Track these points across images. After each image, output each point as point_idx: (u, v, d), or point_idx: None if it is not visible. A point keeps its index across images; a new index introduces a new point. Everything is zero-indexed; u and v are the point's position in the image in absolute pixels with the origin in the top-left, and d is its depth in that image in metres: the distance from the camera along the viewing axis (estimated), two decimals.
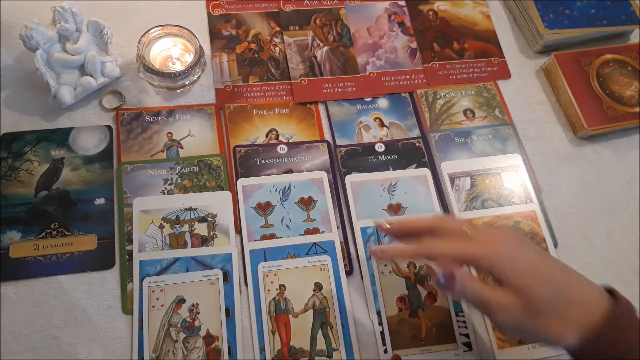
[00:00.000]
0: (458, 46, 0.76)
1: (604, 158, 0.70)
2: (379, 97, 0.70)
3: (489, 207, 0.64)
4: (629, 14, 0.78)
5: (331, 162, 0.65)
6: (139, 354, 0.52)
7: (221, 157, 0.63)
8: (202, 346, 0.53)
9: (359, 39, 0.74)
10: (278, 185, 0.62)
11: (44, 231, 0.56)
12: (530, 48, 0.77)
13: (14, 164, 0.59)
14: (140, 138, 0.63)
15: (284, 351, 0.54)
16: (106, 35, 0.63)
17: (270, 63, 0.70)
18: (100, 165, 0.61)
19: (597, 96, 0.71)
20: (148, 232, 0.58)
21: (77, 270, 0.55)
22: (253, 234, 0.59)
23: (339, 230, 0.61)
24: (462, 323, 0.57)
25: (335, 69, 0.71)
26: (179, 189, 0.60)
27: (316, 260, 0.58)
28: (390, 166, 0.65)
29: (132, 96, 0.66)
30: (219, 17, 0.72)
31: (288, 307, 0.56)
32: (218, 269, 0.56)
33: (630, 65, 0.74)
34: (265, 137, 0.66)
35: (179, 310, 0.54)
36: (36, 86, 0.63)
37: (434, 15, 0.77)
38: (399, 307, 0.57)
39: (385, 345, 0.55)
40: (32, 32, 0.58)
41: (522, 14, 0.77)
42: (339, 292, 0.57)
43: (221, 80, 0.68)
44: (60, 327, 0.53)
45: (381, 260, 0.59)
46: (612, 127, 0.70)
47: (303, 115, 0.68)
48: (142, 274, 0.55)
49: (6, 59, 0.65)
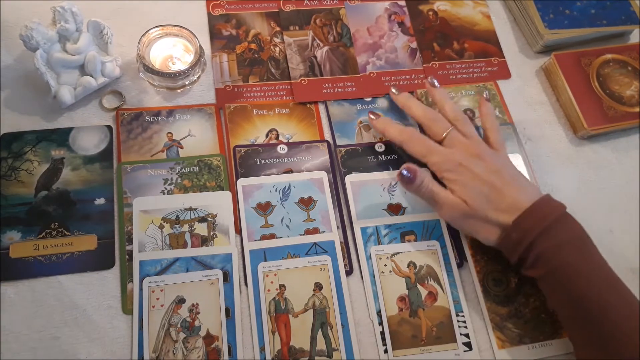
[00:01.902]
0: (458, 46, 0.76)
1: (604, 158, 0.70)
2: (379, 97, 0.71)
3: None
4: (629, 14, 0.78)
5: (331, 162, 0.65)
6: (139, 354, 0.52)
7: (221, 157, 0.63)
8: (202, 346, 0.53)
9: (359, 39, 0.74)
10: (278, 185, 0.62)
11: (44, 231, 0.56)
12: (530, 48, 0.77)
13: (14, 164, 0.59)
14: (140, 138, 0.63)
15: (284, 351, 0.54)
16: (106, 35, 0.63)
17: (270, 63, 0.70)
18: (100, 165, 0.61)
19: (597, 96, 0.71)
20: (148, 232, 0.58)
21: (77, 270, 0.55)
22: (253, 234, 0.59)
23: (339, 230, 0.61)
24: (462, 323, 0.57)
25: (335, 69, 0.71)
26: (179, 189, 0.60)
27: (316, 260, 0.58)
28: (390, 166, 0.65)
29: (132, 96, 0.66)
30: (219, 17, 0.72)
31: (288, 307, 0.56)
32: (218, 269, 0.56)
33: (630, 65, 0.74)
34: (265, 137, 0.66)
35: (179, 310, 0.54)
36: (36, 86, 0.63)
37: (434, 15, 0.77)
38: (399, 307, 0.57)
39: (385, 345, 0.55)
40: (32, 32, 0.58)
41: (522, 14, 0.77)
42: (339, 292, 0.57)
43: (221, 80, 0.68)
44: (60, 327, 0.53)
45: (375, 127, 0.66)
46: (612, 127, 0.70)
47: (303, 115, 0.68)
48: (142, 274, 0.55)
49: (6, 59, 0.65)
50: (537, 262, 0.52)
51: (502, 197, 0.54)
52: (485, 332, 0.58)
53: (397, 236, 0.61)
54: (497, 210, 0.53)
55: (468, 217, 0.55)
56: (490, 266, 0.60)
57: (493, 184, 0.54)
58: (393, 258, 0.60)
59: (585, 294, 0.49)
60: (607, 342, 0.48)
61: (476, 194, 0.54)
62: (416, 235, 0.61)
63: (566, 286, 0.50)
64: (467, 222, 0.56)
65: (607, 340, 0.48)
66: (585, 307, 0.49)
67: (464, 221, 0.56)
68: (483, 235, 0.55)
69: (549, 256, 0.51)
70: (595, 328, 0.49)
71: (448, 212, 0.56)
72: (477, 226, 0.55)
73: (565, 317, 0.52)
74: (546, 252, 0.51)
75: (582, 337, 0.51)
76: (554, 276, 0.51)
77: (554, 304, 0.54)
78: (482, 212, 0.54)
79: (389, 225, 0.61)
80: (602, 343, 0.48)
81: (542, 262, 0.51)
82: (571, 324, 0.52)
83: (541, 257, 0.51)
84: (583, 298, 0.49)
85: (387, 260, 0.59)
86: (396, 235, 0.61)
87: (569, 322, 0.52)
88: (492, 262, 0.61)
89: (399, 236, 0.61)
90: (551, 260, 0.51)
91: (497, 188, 0.54)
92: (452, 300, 0.58)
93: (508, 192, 0.54)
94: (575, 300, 0.50)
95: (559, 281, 0.51)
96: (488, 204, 0.54)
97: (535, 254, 0.51)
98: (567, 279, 0.50)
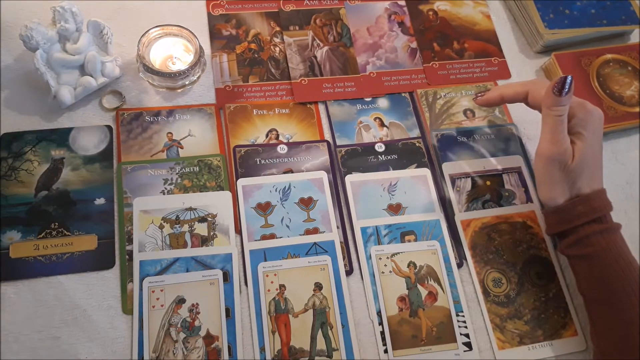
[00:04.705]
0: (458, 46, 0.76)
1: (604, 158, 0.70)
2: (379, 97, 0.70)
3: (489, 207, 0.64)
4: (629, 14, 0.78)
5: (331, 162, 0.65)
6: (139, 354, 0.52)
7: (221, 157, 0.63)
8: (202, 346, 0.53)
9: (359, 39, 0.74)
10: (278, 185, 0.62)
11: (44, 231, 0.56)
12: (530, 48, 0.77)
13: (14, 164, 0.59)
14: (140, 138, 0.63)
15: (284, 351, 0.54)
16: (106, 35, 0.63)
17: (270, 63, 0.70)
18: (100, 165, 0.61)
19: (597, 96, 0.71)
20: (148, 232, 0.58)
21: (77, 270, 0.55)
22: (253, 234, 0.59)
23: (339, 230, 0.61)
24: (462, 323, 0.57)
25: (335, 69, 0.71)
26: (179, 189, 0.60)
27: (316, 260, 0.58)
28: (390, 166, 0.65)
29: (132, 96, 0.66)
30: (219, 17, 0.72)
31: (288, 307, 0.56)
32: (218, 269, 0.56)
33: (630, 65, 0.74)
34: (265, 137, 0.66)
35: (179, 310, 0.54)
36: (36, 86, 0.63)
37: (434, 15, 0.77)
38: (399, 307, 0.57)
39: (385, 345, 0.55)
40: (32, 32, 0.58)
41: (522, 14, 0.77)
42: (339, 292, 0.57)
43: (221, 80, 0.68)
44: (60, 327, 0.53)
45: (489, 100, 0.60)
46: (612, 127, 0.70)
47: (303, 115, 0.68)
48: (142, 274, 0.55)
49: (6, 59, 0.65)
50: (587, 240, 0.53)
51: (596, 170, 0.55)
52: (485, 332, 0.58)
53: (397, 236, 0.61)
54: (588, 180, 0.54)
55: (562, 169, 0.53)
56: (490, 266, 0.60)
57: (599, 155, 0.55)
58: (393, 258, 0.60)
59: (622, 282, 0.51)
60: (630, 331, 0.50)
61: (590, 156, 0.54)
62: (416, 235, 0.61)
63: (606, 270, 0.52)
64: (554, 172, 0.54)
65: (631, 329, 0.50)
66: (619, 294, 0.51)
67: (553, 169, 0.54)
68: (555, 192, 0.54)
69: (599, 238, 0.52)
70: (625, 316, 0.50)
71: (552, 152, 0.53)
72: (557, 181, 0.54)
73: (594, 301, 0.54)
74: (599, 234, 0.52)
75: (606, 324, 0.52)
76: (598, 258, 0.52)
77: (586, 286, 0.55)
78: (579, 174, 0.53)
79: (389, 225, 0.61)
80: (625, 333, 0.50)
81: (591, 242, 0.53)
82: (600, 309, 0.53)
83: (591, 236, 0.53)
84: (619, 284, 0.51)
85: (387, 260, 0.59)
86: (396, 235, 0.61)
87: (598, 307, 0.53)
88: (492, 262, 0.61)
89: (399, 236, 0.61)
90: (599, 242, 0.52)
91: (598, 161, 0.55)
92: (452, 300, 0.58)
93: (599, 168, 0.55)
94: (610, 285, 0.51)
95: (601, 263, 0.52)
96: (587, 170, 0.54)
97: (587, 232, 0.53)
98: (610, 263, 0.52)
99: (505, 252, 0.62)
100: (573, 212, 0.53)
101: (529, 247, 0.62)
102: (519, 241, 0.62)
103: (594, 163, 0.54)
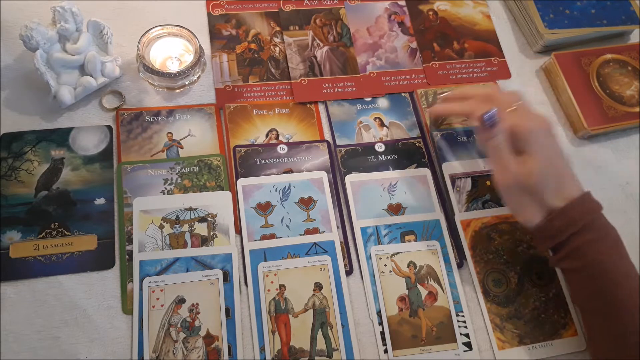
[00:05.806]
0: (458, 46, 0.76)
1: (604, 158, 0.70)
2: (379, 97, 0.70)
3: (489, 207, 0.64)
4: (629, 14, 0.78)
5: (331, 162, 0.65)
6: (139, 354, 0.52)
7: (221, 157, 0.63)
8: (202, 346, 0.53)
9: (359, 39, 0.74)
10: (278, 185, 0.62)
11: (44, 231, 0.56)
12: (530, 48, 0.77)
13: (14, 164, 0.59)
14: (140, 138, 0.63)
15: (284, 351, 0.54)
16: (106, 35, 0.63)
17: (270, 63, 0.70)
18: (100, 165, 0.61)
19: (597, 96, 0.71)
20: (148, 232, 0.58)
21: (77, 270, 0.55)
22: (253, 234, 0.59)
23: (339, 230, 0.61)
24: (462, 323, 0.57)
25: (335, 69, 0.71)
26: (179, 189, 0.60)
27: (316, 260, 0.58)
28: (390, 166, 0.65)
29: (132, 96, 0.66)
30: (219, 17, 0.72)
31: (288, 307, 0.56)
32: (218, 269, 0.56)
33: (630, 65, 0.74)
34: (265, 137, 0.66)
35: (179, 310, 0.54)
36: (36, 86, 0.63)
37: (434, 15, 0.77)
38: (399, 307, 0.57)
39: (385, 345, 0.55)
40: (32, 32, 0.58)
41: (522, 14, 0.77)
42: (339, 292, 0.57)
43: (221, 80, 0.68)
44: (60, 327, 0.53)
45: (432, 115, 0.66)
46: (612, 127, 0.70)
47: (303, 115, 0.68)
48: (142, 274, 0.55)
49: (6, 59, 0.65)
50: (575, 253, 0.51)
51: (562, 180, 0.53)
52: (485, 332, 0.58)
53: (397, 236, 0.61)
54: (555, 192, 0.52)
55: (523, 191, 0.53)
56: (490, 266, 0.61)
57: (559, 165, 0.53)
58: (393, 258, 0.60)
59: (616, 292, 0.49)
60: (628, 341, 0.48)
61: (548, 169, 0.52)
62: (416, 235, 0.61)
63: (598, 281, 0.50)
64: (518, 197, 0.53)
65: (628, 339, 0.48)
66: (613, 304, 0.49)
67: (516, 194, 0.53)
68: (526, 215, 0.53)
69: (588, 249, 0.51)
70: (620, 327, 0.49)
71: (507, 179, 0.53)
72: (525, 204, 0.53)
73: (589, 311, 0.53)
74: (587, 245, 0.51)
75: (603, 334, 0.51)
76: (589, 270, 0.51)
77: (580, 297, 0.54)
78: (541, 190, 0.52)
79: (389, 225, 0.61)
80: (623, 342, 0.49)
81: (580, 254, 0.51)
82: (595, 320, 0.52)
83: (580, 249, 0.51)
84: (613, 295, 0.50)
85: (387, 260, 0.59)
86: (396, 235, 0.61)
87: (593, 318, 0.52)
88: (492, 262, 0.61)
89: (399, 236, 0.61)
90: (589, 253, 0.51)
91: (560, 170, 0.53)
92: (452, 300, 0.58)
93: (566, 176, 0.53)
94: (604, 296, 0.50)
95: (592, 275, 0.51)
96: (551, 183, 0.52)
97: (575, 245, 0.51)
98: (601, 275, 0.50)
99: (505, 252, 0.62)
100: (552, 228, 0.52)
101: (529, 247, 0.62)
102: (519, 241, 0.62)
103: (556, 173, 0.53)
